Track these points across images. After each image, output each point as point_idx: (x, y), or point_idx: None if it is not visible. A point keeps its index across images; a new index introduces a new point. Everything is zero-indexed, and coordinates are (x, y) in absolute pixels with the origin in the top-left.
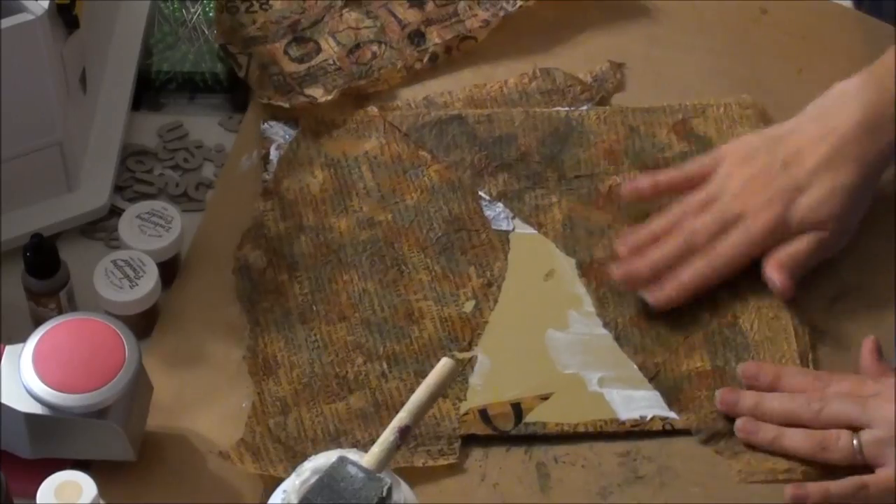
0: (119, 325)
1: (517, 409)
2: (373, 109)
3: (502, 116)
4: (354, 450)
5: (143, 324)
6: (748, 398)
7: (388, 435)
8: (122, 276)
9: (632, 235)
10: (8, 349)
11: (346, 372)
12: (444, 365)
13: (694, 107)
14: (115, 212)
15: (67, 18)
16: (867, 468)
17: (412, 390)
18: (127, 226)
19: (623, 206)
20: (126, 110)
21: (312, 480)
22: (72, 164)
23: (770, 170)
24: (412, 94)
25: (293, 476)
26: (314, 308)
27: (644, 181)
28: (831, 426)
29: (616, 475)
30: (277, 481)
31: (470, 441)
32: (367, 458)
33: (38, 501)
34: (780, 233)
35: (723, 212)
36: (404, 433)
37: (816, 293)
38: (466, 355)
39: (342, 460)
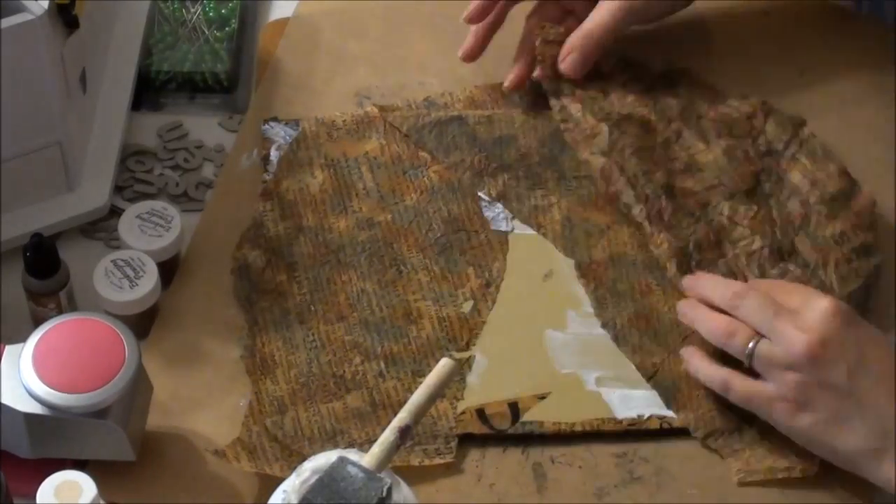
0: (119, 325)
1: (514, 409)
2: (373, 110)
3: (502, 117)
4: (354, 449)
5: (143, 324)
6: (702, 281)
7: (388, 435)
8: (122, 276)
9: None
10: (8, 349)
11: (344, 371)
12: (444, 365)
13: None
14: (115, 212)
15: (67, 18)
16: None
17: (409, 390)
18: (127, 226)
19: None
20: (126, 110)
21: (312, 480)
22: (72, 164)
23: None
24: (412, 95)
25: (293, 476)
26: (312, 308)
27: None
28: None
29: (613, 476)
30: (274, 480)
31: (467, 441)
32: (367, 458)
33: (38, 501)
34: None
35: None
36: (405, 433)
37: None
38: (464, 355)
39: (342, 460)
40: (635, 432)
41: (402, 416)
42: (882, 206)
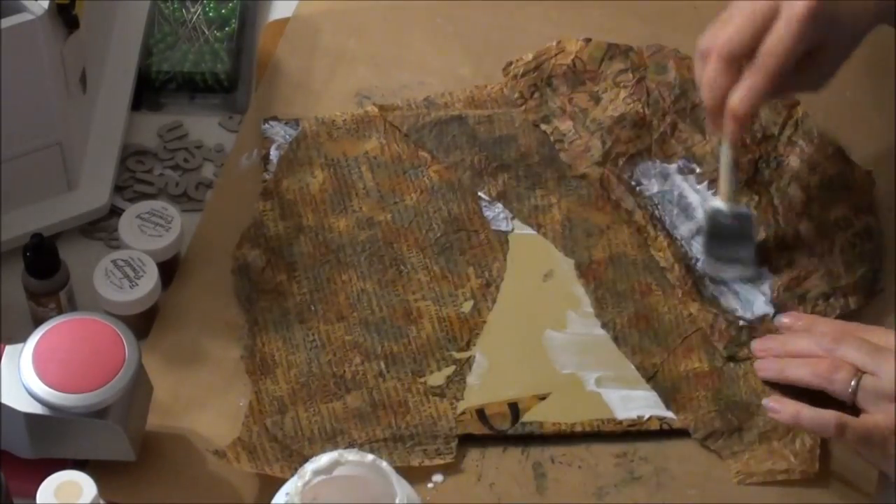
0: (119, 325)
1: (514, 409)
2: (373, 109)
3: (502, 117)
4: (354, 450)
5: (143, 324)
6: (777, 340)
7: None
8: (122, 276)
9: None
10: (8, 349)
11: (344, 371)
12: None
13: None
14: (115, 212)
15: (67, 18)
16: (855, 411)
17: (409, 390)
18: (127, 226)
19: (621, 208)
20: (126, 110)
21: (315, 481)
22: (72, 164)
23: None
24: (412, 95)
25: (295, 478)
26: (312, 308)
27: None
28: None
29: (612, 476)
30: (274, 481)
31: (467, 441)
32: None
33: (38, 501)
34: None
35: None
36: None
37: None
38: (464, 355)
39: None
40: (635, 433)
41: None
42: (882, 206)
